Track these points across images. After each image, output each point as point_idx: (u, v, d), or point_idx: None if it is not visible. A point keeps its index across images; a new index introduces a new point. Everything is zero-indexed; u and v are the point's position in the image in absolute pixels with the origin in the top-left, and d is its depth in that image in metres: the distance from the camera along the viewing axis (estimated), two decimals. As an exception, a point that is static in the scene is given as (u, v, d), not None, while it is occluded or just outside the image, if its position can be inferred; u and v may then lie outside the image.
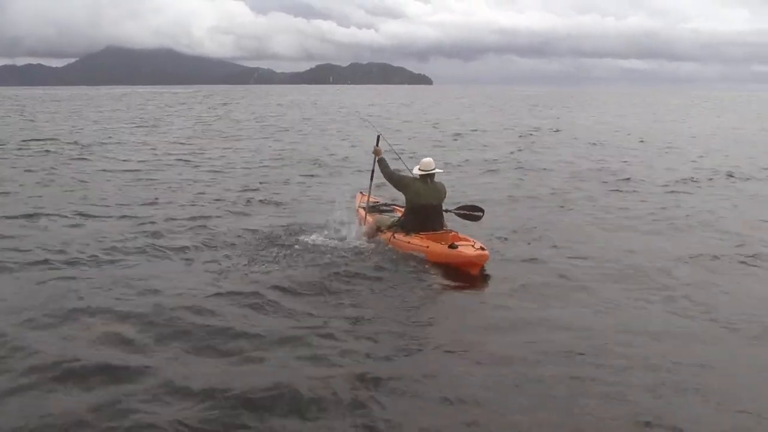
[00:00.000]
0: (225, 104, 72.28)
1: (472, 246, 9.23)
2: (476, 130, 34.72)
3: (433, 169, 10.14)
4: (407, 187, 10.11)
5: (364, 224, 10.75)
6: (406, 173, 10.63)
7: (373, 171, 11.02)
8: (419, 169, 10.13)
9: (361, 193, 11.76)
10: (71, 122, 40.23)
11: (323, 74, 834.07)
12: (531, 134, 32.08)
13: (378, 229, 10.48)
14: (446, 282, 8.62)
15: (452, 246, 9.16)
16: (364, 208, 11.17)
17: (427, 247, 9.44)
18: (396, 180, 10.29)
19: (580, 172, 18.58)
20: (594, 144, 27.04)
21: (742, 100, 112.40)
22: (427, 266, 9.10)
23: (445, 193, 10.33)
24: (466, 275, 8.87)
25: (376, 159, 10.65)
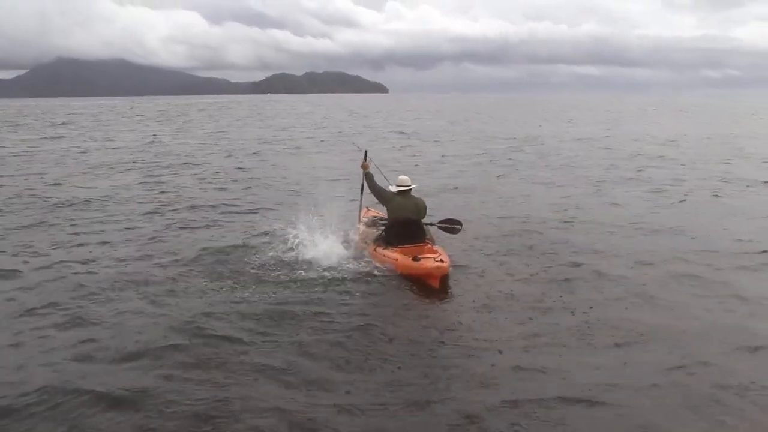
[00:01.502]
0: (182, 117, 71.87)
1: (434, 259, 9.60)
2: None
3: (409, 186, 10.64)
4: (388, 201, 10.65)
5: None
6: (388, 188, 11.00)
7: (362, 185, 11.50)
8: (396, 186, 10.69)
9: (366, 208, 12.32)
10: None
11: (279, 83, 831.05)
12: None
13: (365, 242, 11.01)
14: (405, 293, 9.02)
15: (415, 259, 9.60)
16: (364, 222, 11.73)
17: (396, 259, 9.93)
18: (379, 194, 10.81)
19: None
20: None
21: (697, 105, 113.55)
22: (395, 277, 9.58)
23: (425, 208, 10.81)
24: (428, 286, 9.25)
25: (364, 173, 11.27)
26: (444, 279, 9.49)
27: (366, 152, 11.80)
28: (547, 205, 15.20)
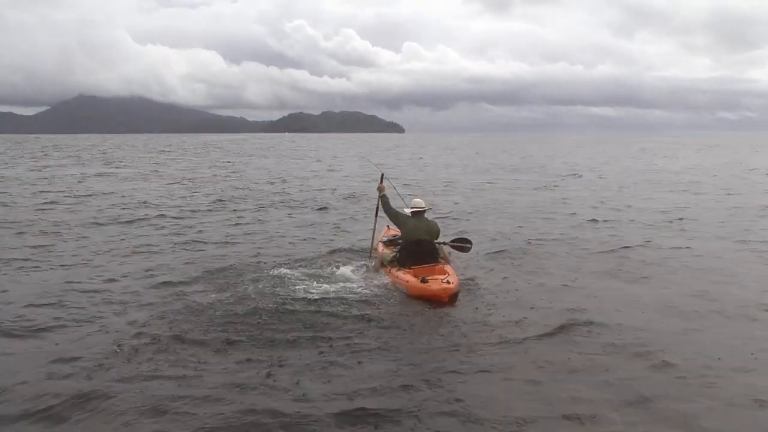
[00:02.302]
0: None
1: (441, 280, 9.91)
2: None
3: (423, 208, 11.15)
4: (403, 224, 11.14)
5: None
6: (404, 210, 11.50)
7: (378, 207, 11.82)
8: (410, 208, 11.21)
9: (387, 227, 12.74)
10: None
11: (296, 122, 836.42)
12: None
13: (382, 263, 11.32)
14: (415, 315, 9.17)
15: (424, 280, 9.90)
16: (383, 241, 12.20)
17: (407, 281, 10.20)
18: (393, 216, 11.30)
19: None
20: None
21: (713, 144, 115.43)
22: (405, 298, 9.90)
23: (438, 230, 11.31)
24: (437, 304, 9.50)
25: (380, 195, 11.64)
26: (452, 297, 9.74)
27: (383, 175, 12.02)
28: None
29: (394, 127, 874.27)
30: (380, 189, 11.74)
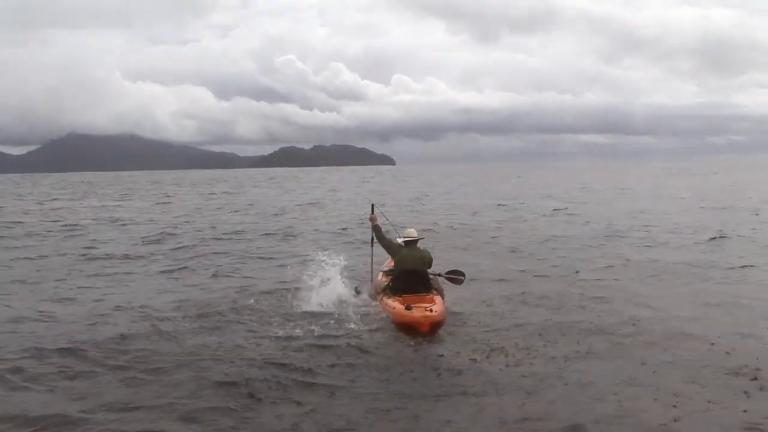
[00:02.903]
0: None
1: (425, 308, 10.35)
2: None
3: (415, 237, 11.67)
4: (395, 253, 11.68)
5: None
6: (396, 239, 12.00)
7: (372, 237, 12.31)
8: (403, 237, 11.77)
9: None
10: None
11: (287, 156, 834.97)
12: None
13: (376, 291, 11.88)
14: (399, 342, 9.82)
15: (408, 308, 10.32)
16: (383, 271, 12.55)
17: (393, 308, 10.71)
18: (386, 246, 11.85)
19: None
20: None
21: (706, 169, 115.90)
22: (391, 327, 10.49)
23: (431, 259, 11.69)
24: (419, 332, 10.01)
25: (372, 226, 12.16)
26: (434, 326, 10.21)
27: (373, 206, 12.47)
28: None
29: (386, 160, 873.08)
30: (372, 220, 12.23)
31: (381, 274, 12.55)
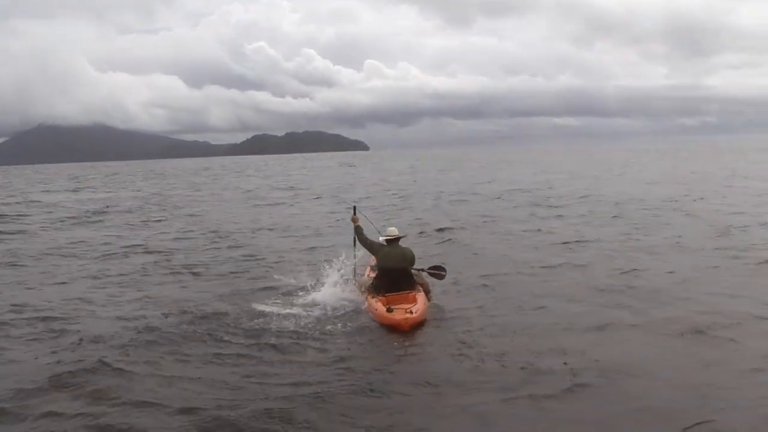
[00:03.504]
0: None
1: (405, 310, 10.42)
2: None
3: (396, 236, 11.68)
4: (376, 252, 11.70)
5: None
6: (378, 238, 11.98)
7: (354, 238, 12.31)
8: (384, 236, 11.77)
9: None
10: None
11: (260, 144, 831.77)
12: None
13: (360, 290, 11.93)
14: (382, 341, 9.90)
15: (389, 309, 10.42)
16: (371, 266, 12.56)
17: (376, 309, 10.79)
18: (368, 246, 11.87)
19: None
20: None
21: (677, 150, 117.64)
22: (374, 325, 10.57)
23: (413, 256, 11.71)
24: (400, 332, 10.11)
25: (354, 227, 12.18)
26: (414, 326, 10.32)
27: (355, 207, 12.55)
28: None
29: (359, 145, 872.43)
30: (354, 221, 12.28)
31: (369, 269, 12.65)
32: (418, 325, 10.42)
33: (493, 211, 26.90)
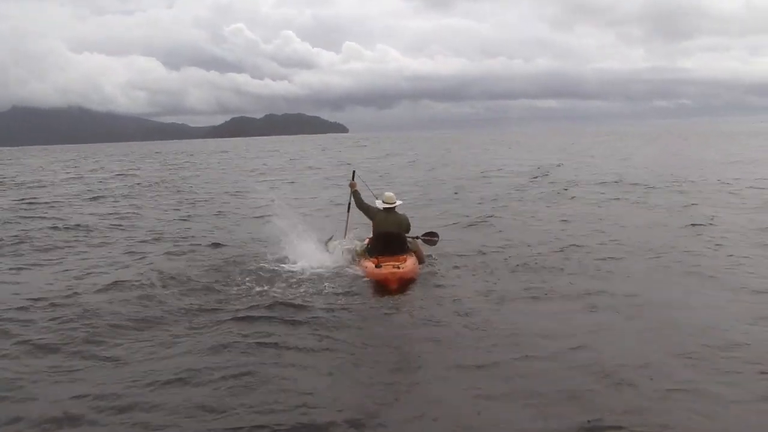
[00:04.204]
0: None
1: (393, 266, 10.77)
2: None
3: (393, 203, 11.90)
4: (373, 217, 11.89)
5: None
6: (375, 203, 12.15)
7: (350, 202, 12.57)
8: (382, 202, 11.97)
9: None
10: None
11: (239, 126, 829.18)
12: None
13: (355, 253, 12.17)
14: (371, 298, 10.07)
15: (378, 266, 10.79)
16: (369, 237, 12.48)
17: (366, 267, 11.12)
18: (365, 210, 12.08)
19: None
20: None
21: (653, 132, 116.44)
22: (366, 282, 10.76)
23: (408, 223, 11.92)
24: (387, 289, 10.31)
25: (352, 191, 12.40)
26: (402, 283, 10.55)
27: (354, 171, 12.78)
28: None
29: (338, 128, 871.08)
30: (352, 185, 12.46)
31: (368, 239, 12.55)
32: (406, 282, 10.68)
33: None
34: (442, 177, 33.67)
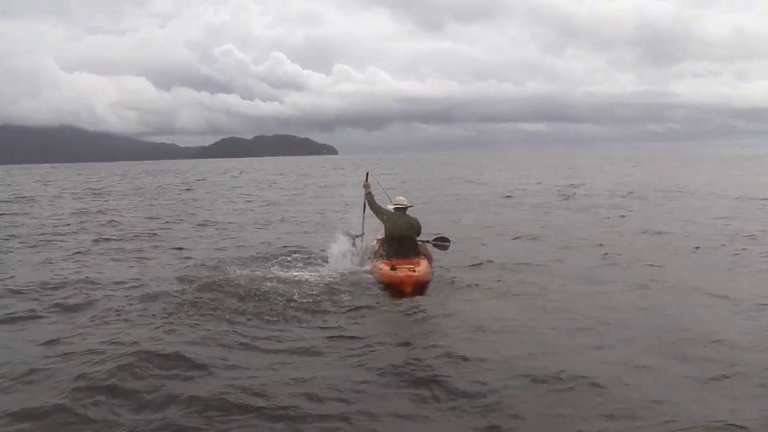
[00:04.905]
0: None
1: (408, 269, 10.79)
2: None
3: (404, 205, 12.21)
4: (385, 219, 12.18)
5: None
6: (387, 206, 12.43)
7: (365, 203, 12.80)
8: (393, 205, 12.32)
9: None
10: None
11: (228, 147, 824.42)
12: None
13: (367, 256, 12.41)
14: (384, 300, 10.25)
15: (393, 268, 10.77)
16: (378, 239, 12.78)
17: (380, 269, 11.15)
18: (377, 212, 12.37)
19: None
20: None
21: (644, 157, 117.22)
22: (378, 283, 11.02)
23: (419, 226, 12.09)
24: (402, 292, 10.44)
25: (366, 193, 12.72)
26: (417, 286, 10.65)
27: (368, 173, 13.05)
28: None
29: (327, 149, 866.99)
30: (365, 187, 12.79)
31: (377, 241, 12.79)
32: (421, 285, 10.76)
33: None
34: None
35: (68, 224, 22.75)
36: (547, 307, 9.89)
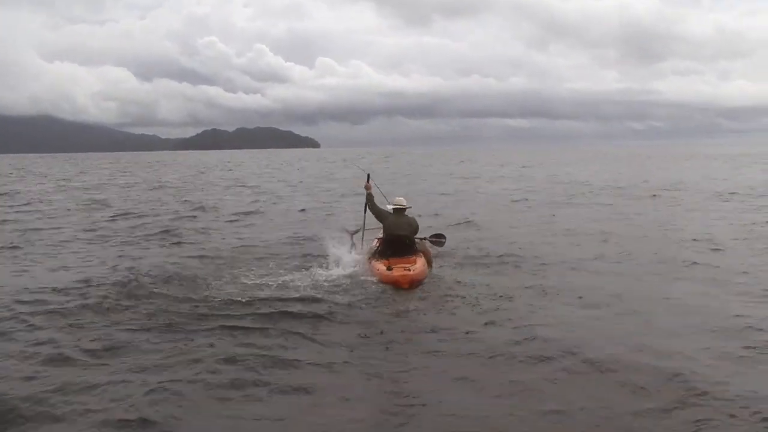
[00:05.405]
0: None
1: (404, 268, 11.22)
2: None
3: (403, 206, 12.36)
4: (384, 220, 12.34)
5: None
6: (386, 207, 12.61)
7: (366, 204, 12.86)
8: (392, 205, 12.44)
9: None
10: None
11: (210, 139, 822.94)
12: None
13: (366, 255, 12.55)
14: (382, 297, 10.56)
15: (389, 268, 11.26)
16: (378, 238, 12.96)
17: (378, 269, 11.49)
18: (377, 213, 12.49)
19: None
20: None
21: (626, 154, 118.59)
22: (377, 283, 11.25)
23: (417, 226, 12.37)
24: (400, 289, 10.86)
25: (366, 194, 12.74)
26: (412, 283, 11.04)
27: (369, 175, 13.18)
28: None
29: (309, 142, 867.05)
30: (366, 188, 12.83)
31: (377, 240, 12.99)
32: (417, 283, 11.14)
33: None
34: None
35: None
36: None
